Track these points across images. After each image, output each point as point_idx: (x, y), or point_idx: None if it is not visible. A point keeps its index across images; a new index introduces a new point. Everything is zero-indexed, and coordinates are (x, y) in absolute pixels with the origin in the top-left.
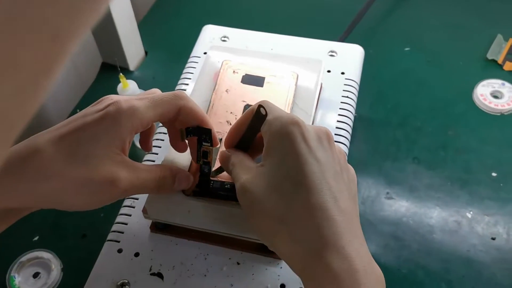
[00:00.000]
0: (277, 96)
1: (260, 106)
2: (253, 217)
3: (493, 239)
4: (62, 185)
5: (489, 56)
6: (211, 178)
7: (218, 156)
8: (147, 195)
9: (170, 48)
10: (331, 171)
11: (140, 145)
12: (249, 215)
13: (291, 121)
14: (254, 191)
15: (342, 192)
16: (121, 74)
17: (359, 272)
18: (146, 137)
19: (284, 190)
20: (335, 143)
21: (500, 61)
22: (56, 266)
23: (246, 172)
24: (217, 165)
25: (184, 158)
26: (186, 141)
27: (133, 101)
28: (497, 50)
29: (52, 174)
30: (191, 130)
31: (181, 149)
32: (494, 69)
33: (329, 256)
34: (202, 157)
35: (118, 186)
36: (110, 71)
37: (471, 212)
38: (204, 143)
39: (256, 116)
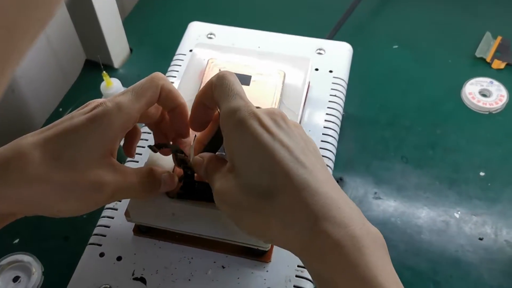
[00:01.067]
0: (264, 94)
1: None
2: (240, 220)
3: (481, 239)
4: (47, 189)
5: (478, 54)
6: (195, 180)
7: (192, 162)
8: (130, 199)
9: (155, 45)
10: (298, 149)
11: (124, 151)
12: (234, 219)
13: (247, 115)
14: (231, 195)
15: (315, 165)
16: (104, 72)
17: (356, 236)
18: (130, 141)
19: (262, 184)
20: (323, 142)
21: (488, 59)
22: (37, 270)
23: (219, 178)
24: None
25: (168, 159)
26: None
27: (116, 98)
28: (486, 48)
29: (36, 178)
30: (159, 145)
31: (164, 153)
32: (482, 67)
33: (323, 229)
34: (181, 163)
35: (105, 190)
36: (94, 68)
37: (459, 212)
38: (178, 154)
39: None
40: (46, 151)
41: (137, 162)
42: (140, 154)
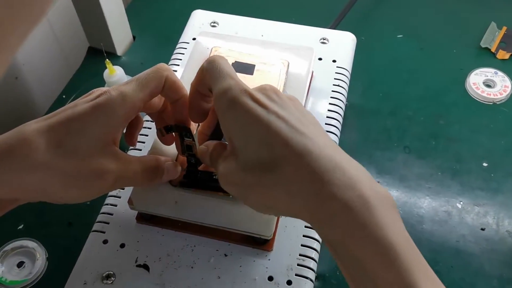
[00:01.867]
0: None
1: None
2: (247, 198)
3: (483, 229)
4: (49, 177)
5: (483, 44)
6: (199, 169)
7: (198, 152)
8: (133, 187)
9: (158, 33)
10: (294, 119)
11: (125, 139)
12: (242, 198)
13: (238, 93)
14: (234, 175)
15: (313, 132)
16: (107, 59)
17: (364, 196)
18: (132, 130)
19: (263, 158)
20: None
21: (493, 49)
22: (41, 255)
23: (220, 162)
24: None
25: (172, 148)
26: (173, 133)
27: (120, 87)
28: (491, 38)
29: (39, 165)
30: (170, 128)
31: (167, 142)
32: (487, 58)
33: (329, 192)
34: (186, 150)
35: (108, 178)
36: (97, 55)
37: (461, 202)
38: (185, 139)
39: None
40: (49, 138)
41: (140, 150)
42: (143, 143)
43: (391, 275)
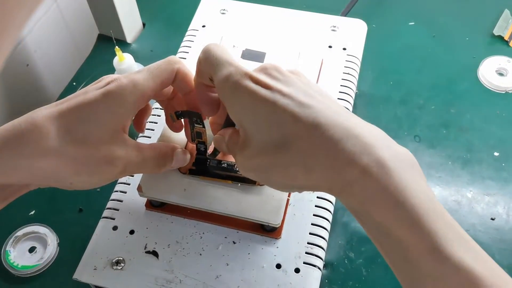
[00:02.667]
0: None
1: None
2: (268, 179)
3: (493, 219)
4: (60, 163)
5: (496, 32)
6: (208, 157)
7: (213, 141)
8: (142, 174)
9: (168, 20)
10: (300, 94)
11: (134, 126)
12: (264, 181)
13: (239, 77)
14: (250, 159)
15: (322, 102)
16: (117, 47)
17: (381, 159)
18: (141, 117)
19: (274, 138)
20: None
21: (506, 37)
22: (52, 241)
23: (235, 150)
24: (212, 147)
25: (181, 135)
26: (182, 120)
27: (131, 75)
28: (504, 26)
29: (50, 151)
30: (180, 114)
31: (177, 129)
32: (500, 46)
33: (345, 160)
34: (196, 137)
35: (117, 165)
36: (107, 43)
37: (472, 192)
38: (196, 125)
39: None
40: (60, 125)
41: (149, 137)
42: (153, 130)
43: (416, 237)
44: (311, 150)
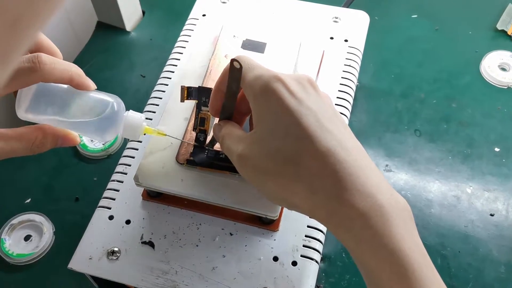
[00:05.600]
0: (278, 63)
1: (233, 60)
2: (263, 184)
3: (492, 215)
4: None
5: (499, 26)
6: (206, 147)
7: (213, 127)
8: (139, 162)
9: (168, 8)
10: (326, 116)
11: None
12: (257, 184)
13: (273, 79)
14: (255, 158)
15: (343, 133)
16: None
17: (384, 206)
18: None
19: (288, 148)
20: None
21: (510, 32)
22: (48, 230)
23: (239, 142)
24: (209, 138)
25: (178, 128)
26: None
27: None
28: (507, 20)
29: None
30: (191, 91)
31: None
32: (503, 40)
33: (350, 197)
34: (199, 124)
35: None
36: (106, 30)
37: (471, 187)
38: (203, 108)
39: (232, 72)
40: None
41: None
42: (151, 120)
43: (402, 287)
44: (320, 174)
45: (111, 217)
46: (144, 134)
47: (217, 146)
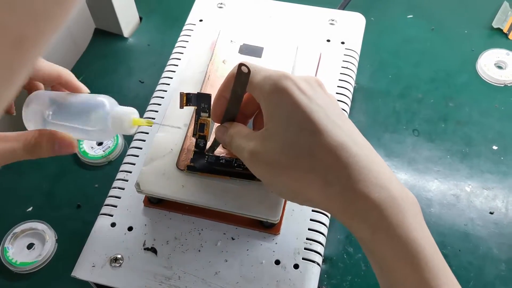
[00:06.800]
0: (276, 67)
1: (241, 64)
2: (276, 178)
3: (491, 213)
4: None
5: (495, 24)
6: (206, 153)
7: (213, 131)
8: (140, 169)
9: (165, 14)
10: (335, 113)
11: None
12: (269, 180)
13: (282, 77)
14: (268, 153)
15: (353, 130)
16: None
17: (397, 198)
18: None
19: (301, 142)
20: None
21: (505, 30)
22: (50, 237)
23: (250, 140)
24: (209, 143)
25: (177, 135)
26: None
27: None
28: (503, 19)
29: None
30: (190, 97)
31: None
32: (499, 38)
33: (366, 189)
34: (198, 130)
35: None
36: (104, 37)
37: (470, 186)
38: (202, 114)
39: (239, 77)
40: None
41: (141, 148)
42: (144, 141)
43: (418, 277)
44: (335, 166)
45: (113, 224)
46: (137, 128)
47: (217, 151)
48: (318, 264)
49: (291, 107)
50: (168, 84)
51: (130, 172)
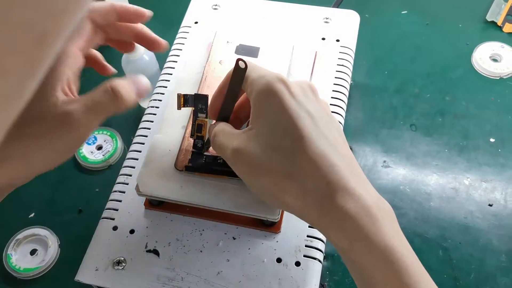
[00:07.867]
0: (272, 66)
1: (239, 59)
2: (256, 179)
3: (490, 205)
4: (22, 149)
5: (489, 17)
6: (204, 153)
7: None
8: (139, 172)
9: (160, 17)
10: (322, 121)
11: (100, 72)
12: (249, 179)
13: (276, 79)
14: (250, 153)
15: (337, 139)
16: None
17: (372, 208)
18: (96, 64)
19: (283, 146)
20: (330, 113)
21: (499, 23)
22: (53, 243)
23: (233, 139)
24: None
25: (176, 134)
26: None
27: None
28: (497, 11)
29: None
30: (188, 99)
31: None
32: (493, 31)
33: (342, 199)
34: (196, 131)
35: (73, 116)
36: None
37: (469, 179)
38: (199, 114)
39: (236, 72)
40: None
41: (139, 152)
42: (143, 144)
43: (398, 283)
44: (314, 175)
45: (115, 228)
46: None
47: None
48: (319, 261)
49: (279, 110)
50: (166, 87)
51: (130, 176)
